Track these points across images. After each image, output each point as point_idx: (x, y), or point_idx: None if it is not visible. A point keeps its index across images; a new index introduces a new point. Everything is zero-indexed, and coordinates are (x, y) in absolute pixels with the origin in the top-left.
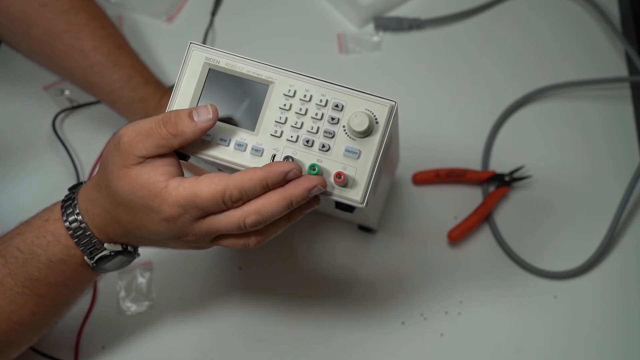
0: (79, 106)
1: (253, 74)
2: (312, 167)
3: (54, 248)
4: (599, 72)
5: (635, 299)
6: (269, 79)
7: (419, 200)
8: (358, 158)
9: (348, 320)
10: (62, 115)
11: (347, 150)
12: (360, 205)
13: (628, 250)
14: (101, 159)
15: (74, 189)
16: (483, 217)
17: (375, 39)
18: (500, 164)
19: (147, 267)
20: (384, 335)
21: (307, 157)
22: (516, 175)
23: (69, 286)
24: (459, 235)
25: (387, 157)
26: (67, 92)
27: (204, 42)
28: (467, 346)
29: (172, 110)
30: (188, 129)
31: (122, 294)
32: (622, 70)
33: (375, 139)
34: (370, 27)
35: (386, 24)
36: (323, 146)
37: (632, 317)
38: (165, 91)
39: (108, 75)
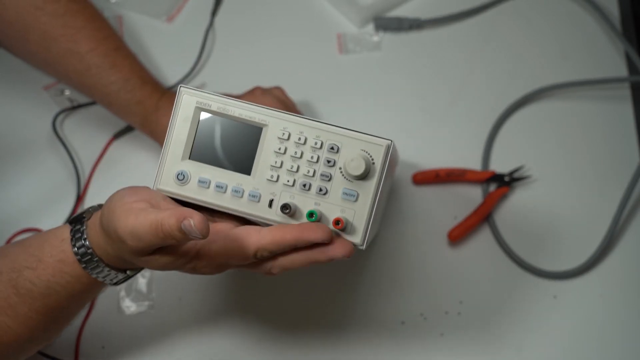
0: (79, 106)
1: (246, 117)
2: (310, 214)
3: (75, 286)
4: (599, 72)
5: (635, 299)
6: (262, 122)
7: (419, 200)
8: (356, 201)
9: (348, 320)
10: (62, 116)
11: (344, 193)
12: (361, 247)
13: (628, 250)
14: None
15: (78, 224)
16: (483, 217)
17: (375, 39)
18: (500, 164)
19: None
20: (384, 335)
21: (304, 201)
22: (516, 175)
23: (86, 304)
24: (459, 235)
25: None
26: (67, 92)
27: (204, 42)
28: (467, 346)
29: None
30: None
31: (122, 293)
32: (622, 70)
33: (372, 182)
34: (370, 27)
35: (386, 24)
36: (320, 190)
37: (632, 317)
38: (164, 92)
39: (105, 77)
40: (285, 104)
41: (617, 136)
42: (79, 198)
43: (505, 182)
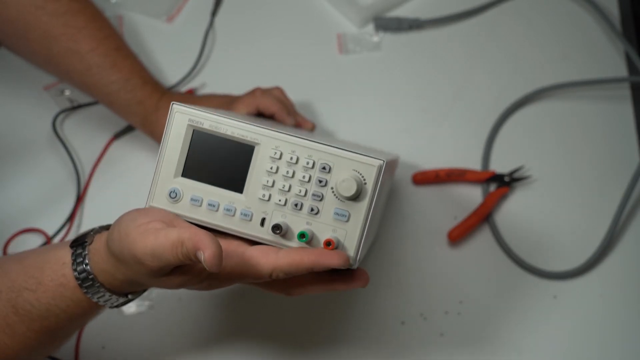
0: (79, 106)
1: (238, 136)
2: (302, 235)
3: (74, 309)
4: (599, 72)
5: (635, 299)
6: (254, 141)
7: (419, 200)
8: (347, 221)
9: (348, 321)
10: (62, 116)
11: (336, 213)
12: (353, 267)
13: (628, 250)
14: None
15: (79, 248)
16: (483, 217)
17: (375, 39)
18: (500, 164)
19: None
20: (384, 335)
21: (296, 221)
22: (516, 175)
23: (85, 324)
24: (459, 235)
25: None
26: (67, 92)
27: (204, 42)
28: (467, 346)
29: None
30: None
31: None
32: (622, 70)
33: (364, 203)
34: (370, 27)
35: (386, 24)
36: (312, 209)
37: (632, 317)
38: (164, 92)
39: (105, 77)
40: (285, 104)
41: (617, 136)
42: (79, 198)
43: (505, 182)
